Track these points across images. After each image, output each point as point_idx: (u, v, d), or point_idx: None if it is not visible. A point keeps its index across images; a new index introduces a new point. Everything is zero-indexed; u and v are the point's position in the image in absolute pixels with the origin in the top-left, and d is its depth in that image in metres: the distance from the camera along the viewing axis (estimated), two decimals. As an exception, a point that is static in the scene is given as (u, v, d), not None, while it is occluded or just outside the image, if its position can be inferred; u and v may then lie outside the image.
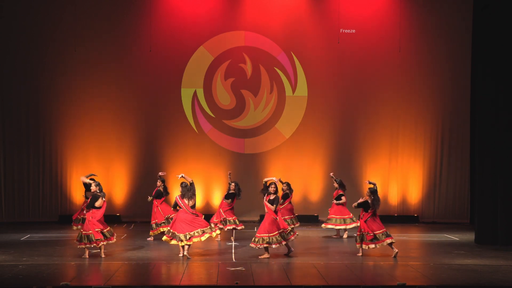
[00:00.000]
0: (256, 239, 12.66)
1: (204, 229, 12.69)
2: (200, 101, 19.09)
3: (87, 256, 12.43)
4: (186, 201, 12.74)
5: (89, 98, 18.78)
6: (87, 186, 15.30)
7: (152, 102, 19.04)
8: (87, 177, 14.44)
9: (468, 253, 13.30)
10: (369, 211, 12.93)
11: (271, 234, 12.61)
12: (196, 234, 12.60)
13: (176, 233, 12.57)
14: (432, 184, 19.12)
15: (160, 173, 15.56)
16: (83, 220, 14.46)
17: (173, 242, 12.62)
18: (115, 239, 12.90)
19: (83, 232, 12.49)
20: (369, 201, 13.00)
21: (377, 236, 12.84)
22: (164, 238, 12.83)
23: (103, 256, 12.54)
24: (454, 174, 19.09)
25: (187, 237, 12.53)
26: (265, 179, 13.19)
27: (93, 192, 12.67)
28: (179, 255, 12.69)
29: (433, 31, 18.97)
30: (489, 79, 14.52)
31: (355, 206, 13.05)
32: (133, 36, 18.81)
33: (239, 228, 15.06)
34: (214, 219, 15.00)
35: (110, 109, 18.87)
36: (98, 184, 12.79)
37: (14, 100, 18.60)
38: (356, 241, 13.07)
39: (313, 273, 11.27)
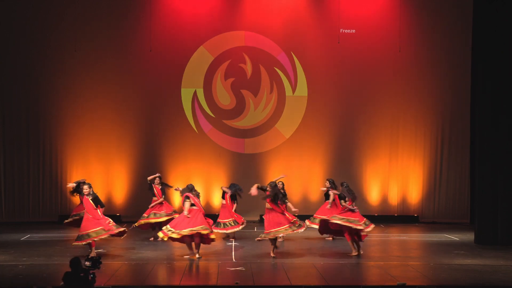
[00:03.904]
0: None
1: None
2: (200, 101, 19.10)
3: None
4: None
5: (89, 98, 18.78)
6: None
7: (152, 102, 19.04)
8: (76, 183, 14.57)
9: (468, 253, 13.31)
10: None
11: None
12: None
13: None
14: (432, 184, 19.12)
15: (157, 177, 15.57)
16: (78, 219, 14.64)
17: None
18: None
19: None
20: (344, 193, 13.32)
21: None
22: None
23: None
24: (454, 174, 19.09)
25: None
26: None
27: (89, 193, 12.64)
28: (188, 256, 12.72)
29: (433, 31, 18.97)
30: (489, 79, 14.53)
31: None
32: (133, 36, 18.81)
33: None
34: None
35: (110, 109, 18.87)
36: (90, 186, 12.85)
37: (14, 100, 18.60)
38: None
39: (313, 273, 11.27)
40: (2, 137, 18.57)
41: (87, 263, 7.98)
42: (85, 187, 12.69)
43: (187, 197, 12.76)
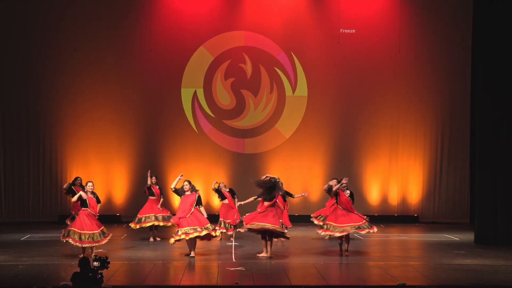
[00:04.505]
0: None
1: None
2: (200, 101, 19.10)
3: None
4: None
5: (89, 98, 18.78)
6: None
7: (152, 102, 19.04)
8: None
9: (468, 253, 13.30)
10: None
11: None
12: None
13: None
14: (432, 184, 19.12)
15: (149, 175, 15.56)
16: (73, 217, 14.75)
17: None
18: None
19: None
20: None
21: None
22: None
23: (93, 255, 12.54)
24: (454, 174, 19.09)
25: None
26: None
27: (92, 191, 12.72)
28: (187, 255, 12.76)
29: (433, 30, 18.97)
30: (489, 79, 14.52)
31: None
32: (133, 36, 18.81)
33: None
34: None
35: (110, 109, 18.87)
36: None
37: (14, 100, 18.61)
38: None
39: (313, 273, 11.27)
40: (2, 137, 18.57)
41: (96, 263, 8.01)
42: (89, 184, 12.69)
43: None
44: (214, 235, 12.79)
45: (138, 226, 15.12)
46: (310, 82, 19.18)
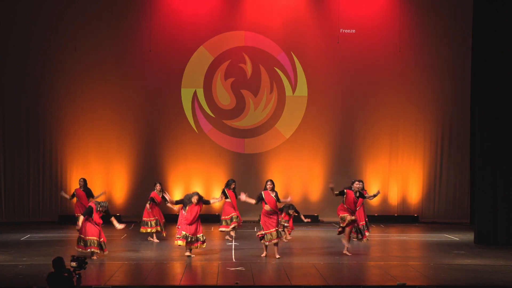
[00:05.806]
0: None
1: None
2: (200, 101, 19.10)
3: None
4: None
5: (89, 98, 18.79)
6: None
7: (152, 102, 19.04)
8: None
9: (468, 253, 13.31)
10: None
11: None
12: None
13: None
14: (432, 184, 19.12)
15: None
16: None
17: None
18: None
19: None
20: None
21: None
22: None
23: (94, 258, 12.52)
24: (454, 174, 19.09)
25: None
26: None
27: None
28: (185, 254, 12.78)
29: (433, 31, 18.97)
30: (489, 79, 14.52)
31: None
32: (133, 36, 18.81)
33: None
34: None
35: (110, 109, 18.87)
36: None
37: (14, 100, 18.61)
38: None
39: (313, 273, 11.27)
40: (2, 137, 18.57)
41: (73, 263, 7.84)
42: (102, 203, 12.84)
43: None
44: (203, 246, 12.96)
45: (144, 230, 15.10)
46: (310, 82, 19.18)
